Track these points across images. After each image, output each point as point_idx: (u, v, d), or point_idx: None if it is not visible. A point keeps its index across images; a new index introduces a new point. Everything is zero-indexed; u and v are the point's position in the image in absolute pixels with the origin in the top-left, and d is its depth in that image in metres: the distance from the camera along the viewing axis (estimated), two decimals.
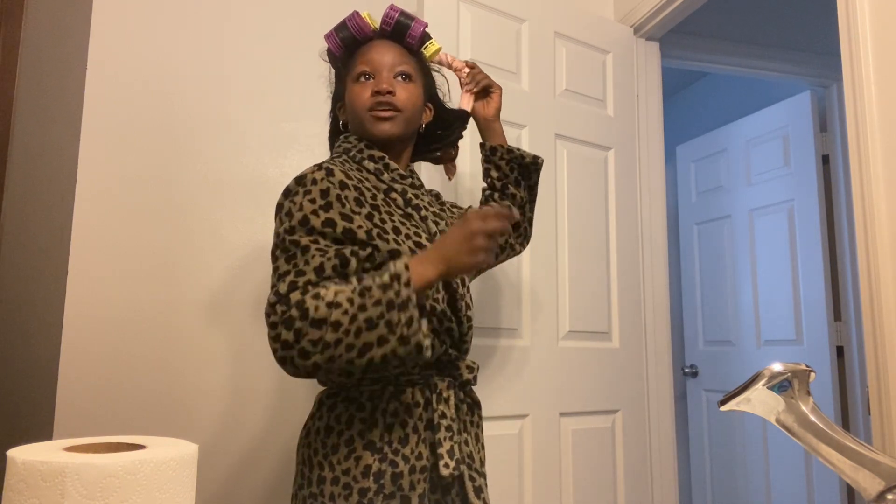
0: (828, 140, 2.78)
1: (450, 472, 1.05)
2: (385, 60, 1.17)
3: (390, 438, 1.07)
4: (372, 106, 1.15)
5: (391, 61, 1.18)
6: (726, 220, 3.19)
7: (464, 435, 1.15)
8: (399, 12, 1.20)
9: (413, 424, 1.09)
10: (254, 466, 1.76)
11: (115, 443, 0.63)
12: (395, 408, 1.09)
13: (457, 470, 1.06)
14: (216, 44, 1.88)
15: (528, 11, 1.98)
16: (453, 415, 1.09)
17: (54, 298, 1.62)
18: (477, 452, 1.17)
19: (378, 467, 1.05)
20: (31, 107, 1.36)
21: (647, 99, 2.22)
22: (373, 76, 1.17)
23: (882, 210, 1.34)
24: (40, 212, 1.48)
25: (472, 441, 1.17)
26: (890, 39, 1.35)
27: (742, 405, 0.64)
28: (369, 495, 1.04)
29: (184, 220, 1.79)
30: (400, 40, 1.21)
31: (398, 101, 1.16)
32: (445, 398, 1.11)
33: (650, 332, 2.09)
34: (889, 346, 1.29)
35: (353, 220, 1.06)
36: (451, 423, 1.09)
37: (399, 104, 1.16)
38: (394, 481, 1.05)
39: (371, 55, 1.18)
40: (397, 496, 1.05)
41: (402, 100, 1.16)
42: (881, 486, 0.57)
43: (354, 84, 1.19)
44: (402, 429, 1.08)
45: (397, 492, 1.05)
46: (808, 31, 2.79)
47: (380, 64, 1.17)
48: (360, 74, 1.18)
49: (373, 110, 1.15)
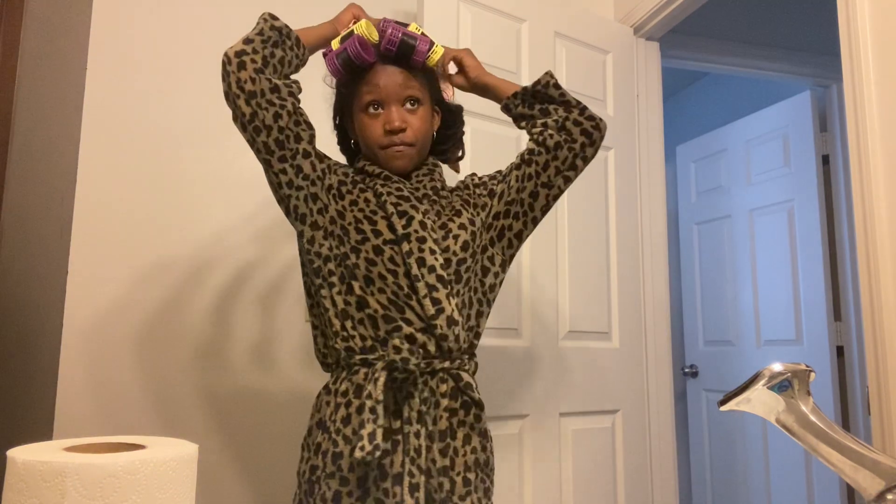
0: (828, 140, 2.78)
1: (363, 455, 1.01)
2: (392, 88, 1.16)
3: (335, 417, 1.10)
4: (386, 144, 1.17)
5: (398, 88, 1.17)
6: (726, 220, 3.19)
7: (428, 428, 1.10)
8: (401, 32, 1.17)
9: (358, 405, 1.09)
10: (254, 466, 1.76)
11: (115, 443, 0.63)
12: (346, 388, 1.11)
13: (371, 455, 1.01)
14: (216, 43, 1.88)
15: (528, 11, 1.98)
16: (379, 396, 1.05)
17: (54, 298, 1.62)
18: (463, 455, 1.12)
19: (325, 446, 1.10)
20: (31, 107, 1.36)
21: (647, 99, 2.22)
22: (381, 105, 1.17)
23: (882, 210, 1.34)
24: (40, 212, 1.48)
25: (457, 441, 1.12)
26: (890, 39, 1.35)
27: (742, 405, 0.64)
28: (317, 472, 1.10)
29: (184, 220, 1.79)
30: (406, 62, 1.19)
31: (410, 136, 1.17)
32: (375, 379, 1.07)
33: (650, 332, 2.09)
34: (889, 346, 1.29)
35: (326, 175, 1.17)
36: (375, 405, 1.05)
37: (411, 139, 1.17)
38: (334, 461, 1.07)
39: (377, 81, 1.17)
40: (336, 476, 1.07)
41: (415, 131, 1.17)
42: (881, 486, 0.57)
43: (363, 114, 1.18)
44: (346, 409, 1.10)
45: (337, 472, 1.07)
46: (808, 31, 2.79)
47: (387, 92, 1.16)
48: (369, 104, 1.17)
49: (387, 148, 1.17)
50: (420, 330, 1.12)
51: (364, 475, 1.07)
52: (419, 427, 1.09)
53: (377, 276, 1.12)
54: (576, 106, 1.22)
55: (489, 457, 1.16)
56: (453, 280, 1.15)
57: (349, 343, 1.13)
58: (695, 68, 2.74)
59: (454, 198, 1.25)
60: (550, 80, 1.23)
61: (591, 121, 1.21)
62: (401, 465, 1.07)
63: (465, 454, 1.12)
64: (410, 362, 1.08)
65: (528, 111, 1.25)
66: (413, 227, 1.14)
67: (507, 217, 1.23)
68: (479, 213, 1.24)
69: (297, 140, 1.11)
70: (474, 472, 1.12)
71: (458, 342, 1.14)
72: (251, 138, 1.10)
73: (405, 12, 2.05)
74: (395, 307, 1.12)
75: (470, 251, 1.18)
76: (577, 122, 1.20)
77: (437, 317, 1.12)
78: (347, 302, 1.13)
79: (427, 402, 1.12)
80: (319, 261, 1.15)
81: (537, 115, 1.24)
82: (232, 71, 1.07)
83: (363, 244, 1.13)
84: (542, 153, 1.20)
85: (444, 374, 1.13)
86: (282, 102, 1.10)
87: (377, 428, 1.03)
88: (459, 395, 1.14)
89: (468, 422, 1.14)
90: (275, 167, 1.11)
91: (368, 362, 1.11)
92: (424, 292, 1.11)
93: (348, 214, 1.15)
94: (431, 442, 1.11)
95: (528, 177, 1.21)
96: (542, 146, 1.20)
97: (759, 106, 3.25)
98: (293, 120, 1.11)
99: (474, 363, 1.20)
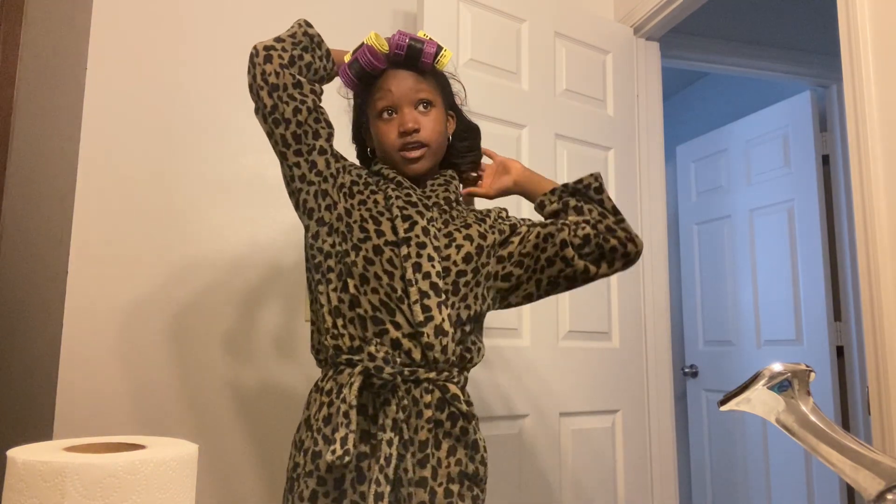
0: (828, 140, 2.78)
1: (332, 458, 1.00)
2: (403, 91, 1.18)
3: (318, 416, 1.11)
4: (401, 146, 1.18)
5: (409, 91, 1.18)
6: (726, 220, 3.19)
7: (404, 437, 1.09)
8: (409, 37, 1.19)
9: (337, 407, 1.08)
10: (254, 466, 1.76)
11: (115, 443, 0.63)
12: (330, 387, 1.12)
13: (340, 460, 1.01)
14: (216, 43, 1.88)
15: (528, 11, 1.98)
16: (352, 401, 1.04)
17: (54, 299, 1.62)
18: (447, 466, 1.10)
19: (308, 444, 1.10)
20: (31, 107, 1.36)
21: (647, 99, 2.22)
22: (395, 110, 1.19)
23: (882, 210, 1.34)
24: (40, 212, 1.48)
25: (441, 452, 1.10)
26: (890, 39, 1.35)
27: (742, 405, 0.64)
28: (298, 470, 1.10)
29: (184, 220, 1.79)
30: (414, 65, 1.21)
31: (424, 136, 1.18)
32: (351, 383, 1.06)
33: (650, 332, 2.09)
34: (889, 346, 1.29)
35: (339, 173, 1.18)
36: (348, 409, 1.04)
37: (426, 139, 1.18)
38: (313, 459, 1.08)
39: (389, 87, 1.19)
40: (314, 475, 1.07)
41: (428, 132, 1.18)
42: (881, 486, 0.57)
43: (378, 120, 1.20)
44: (328, 409, 1.10)
45: (315, 471, 1.07)
46: (808, 31, 2.79)
47: (399, 96, 1.18)
48: (383, 110, 1.19)
49: (402, 150, 1.18)
50: (407, 336, 1.11)
51: (341, 477, 1.07)
52: (392, 435, 1.07)
53: (373, 275, 1.12)
54: (613, 213, 1.20)
55: (478, 468, 1.13)
56: (449, 290, 1.14)
57: (338, 341, 1.13)
58: (695, 68, 2.74)
59: (469, 214, 1.24)
60: (594, 182, 1.22)
61: (625, 232, 1.19)
62: (372, 472, 1.06)
63: (448, 465, 1.10)
64: (384, 371, 1.06)
65: (562, 208, 1.23)
66: (415, 232, 1.14)
67: (516, 265, 1.21)
68: (494, 234, 1.22)
69: (315, 136, 1.13)
70: (458, 484, 1.10)
71: (445, 353, 1.11)
72: (270, 130, 1.13)
73: (405, 12, 2.05)
74: (386, 309, 1.11)
75: (472, 265, 1.17)
76: (610, 229, 1.19)
77: (426, 324, 1.10)
78: (341, 299, 1.13)
79: (406, 410, 1.10)
80: (321, 256, 1.15)
81: (571, 213, 1.21)
82: (258, 63, 1.11)
83: (364, 242, 1.13)
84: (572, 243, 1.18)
85: (430, 385, 1.11)
86: (303, 98, 1.12)
87: (349, 433, 1.03)
88: (446, 406, 1.12)
89: (454, 434, 1.11)
90: (290, 160, 1.13)
91: (353, 363, 1.11)
92: (415, 298, 1.11)
93: (355, 213, 1.15)
94: (406, 451, 1.09)
95: (546, 239, 1.20)
96: (576, 236, 1.18)
97: (759, 106, 3.25)
98: (313, 117, 1.13)
99: (464, 377, 1.17)
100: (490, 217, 1.25)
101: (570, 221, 1.20)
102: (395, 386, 1.09)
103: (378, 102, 1.19)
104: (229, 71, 1.87)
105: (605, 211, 1.20)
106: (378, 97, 1.20)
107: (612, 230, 1.18)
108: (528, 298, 1.23)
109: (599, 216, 1.19)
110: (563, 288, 1.22)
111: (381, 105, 1.19)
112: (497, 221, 1.25)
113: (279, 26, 1.92)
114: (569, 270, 1.18)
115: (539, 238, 1.20)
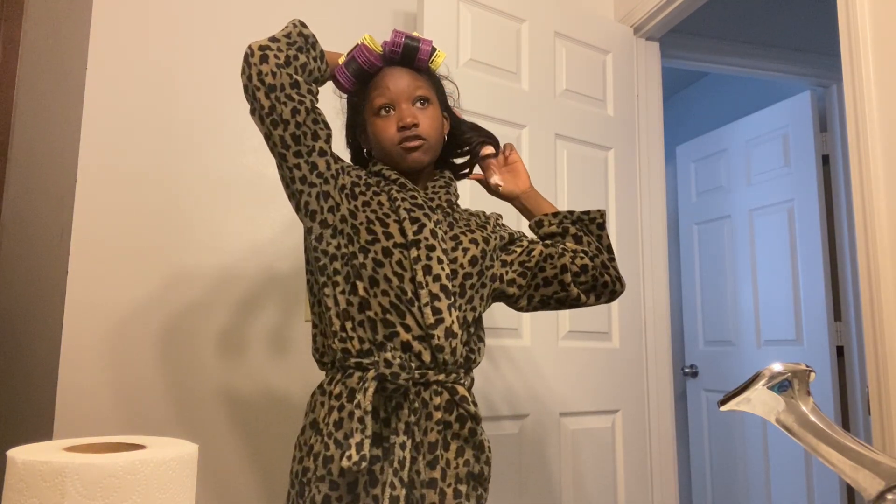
0: (828, 140, 2.78)
1: (349, 464, 1.01)
2: (401, 88, 1.19)
3: (328, 420, 1.10)
4: (400, 140, 1.18)
5: (407, 89, 1.19)
6: (726, 220, 3.19)
7: (416, 440, 1.10)
8: (404, 36, 1.20)
9: (350, 410, 1.08)
10: (254, 466, 1.76)
11: (115, 443, 0.63)
12: (339, 390, 1.11)
13: (357, 466, 1.01)
14: (216, 43, 1.88)
15: (528, 11, 1.98)
16: (368, 407, 1.04)
17: (54, 298, 1.62)
18: (455, 467, 1.10)
19: (318, 449, 1.09)
20: (31, 107, 1.36)
21: (647, 99, 2.22)
22: (393, 107, 1.19)
23: (882, 210, 1.34)
24: (40, 212, 1.48)
25: (450, 453, 1.11)
26: (890, 39, 1.35)
27: (742, 405, 0.64)
28: (308, 475, 1.09)
29: (184, 219, 1.79)
30: (410, 64, 1.22)
31: (423, 130, 1.18)
32: (365, 389, 1.06)
33: (650, 332, 2.09)
34: (889, 346, 1.29)
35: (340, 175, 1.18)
36: (364, 415, 1.04)
37: (424, 133, 1.19)
38: (325, 464, 1.07)
39: (387, 84, 1.19)
40: (327, 480, 1.06)
41: (427, 127, 1.19)
42: (881, 486, 0.57)
43: (376, 118, 1.20)
44: (339, 413, 1.09)
45: (327, 476, 1.06)
46: (808, 31, 2.79)
47: (397, 93, 1.19)
48: (381, 108, 1.19)
49: (401, 143, 1.18)
50: (417, 338, 1.11)
51: (354, 480, 1.07)
52: (405, 438, 1.08)
53: (383, 277, 1.12)
54: (608, 251, 1.27)
55: (483, 468, 1.14)
56: (457, 293, 1.15)
57: (346, 345, 1.12)
58: (695, 68, 2.73)
59: (470, 217, 1.27)
60: (598, 217, 1.28)
61: (616, 272, 1.27)
62: (386, 475, 1.06)
63: (457, 466, 1.11)
64: (401, 377, 1.07)
65: (560, 232, 1.28)
66: (423, 235, 1.14)
67: (520, 275, 1.25)
68: (495, 239, 1.25)
69: (314, 137, 1.13)
70: (466, 484, 1.11)
71: (454, 355, 1.13)
72: (268, 132, 1.12)
73: (405, 12, 2.05)
74: (396, 311, 1.11)
75: (477, 268, 1.19)
76: (604, 265, 1.26)
77: (436, 326, 1.11)
78: (350, 302, 1.13)
79: (417, 412, 1.11)
80: (325, 258, 1.15)
81: (569, 240, 1.27)
82: (254, 63, 1.10)
83: (373, 245, 1.13)
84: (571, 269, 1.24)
85: (439, 387, 1.12)
86: (300, 98, 1.11)
87: (365, 438, 1.03)
88: (455, 407, 1.13)
89: (462, 435, 1.12)
90: (290, 162, 1.13)
91: (363, 366, 1.11)
92: (426, 300, 1.11)
93: (360, 215, 1.15)
94: (417, 454, 1.09)
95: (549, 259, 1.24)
96: (574, 264, 1.24)
97: (759, 106, 3.25)
98: (311, 118, 1.12)
99: (470, 378, 1.19)
100: (490, 223, 1.28)
101: (570, 248, 1.24)
102: (406, 389, 1.09)
103: (376, 100, 1.20)
104: (229, 71, 1.87)
105: (601, 247, 1.27)
106: (376, 95, 1.20)
107: (606, 266, 1.26)
108: (518, 310, 1.30)
109: (597, 251, 1.26)
110: (550, 308, 1.27)
111: (379, 102, 1.19)
112: (497, 228, 1.29)
113: (279, 27, 1.92)
114: (562, 294, 1.24)
115: (541, 256, 1.24)
